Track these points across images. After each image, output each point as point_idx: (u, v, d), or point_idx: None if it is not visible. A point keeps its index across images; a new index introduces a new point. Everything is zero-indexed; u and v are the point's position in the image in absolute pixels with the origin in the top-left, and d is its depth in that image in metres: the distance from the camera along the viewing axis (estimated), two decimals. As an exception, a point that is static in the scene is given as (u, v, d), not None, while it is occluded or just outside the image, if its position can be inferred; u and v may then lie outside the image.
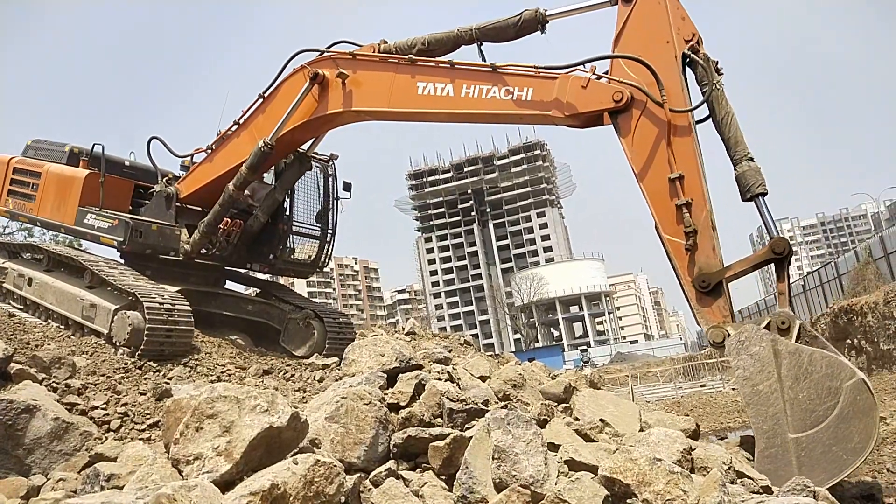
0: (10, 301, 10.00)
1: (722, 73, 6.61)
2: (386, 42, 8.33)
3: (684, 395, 25.90)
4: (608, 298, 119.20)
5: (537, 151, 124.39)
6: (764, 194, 6.37)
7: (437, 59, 7.86)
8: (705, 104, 6.56)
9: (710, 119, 6.61)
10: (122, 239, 8.95)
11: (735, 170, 6.43)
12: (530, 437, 4.07)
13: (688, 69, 6.66)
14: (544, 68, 7.06)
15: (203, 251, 9.64)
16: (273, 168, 10.14)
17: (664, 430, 5.05)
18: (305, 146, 9.68)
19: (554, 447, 4.51)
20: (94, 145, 9.94)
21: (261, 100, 8.97)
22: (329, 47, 8.56)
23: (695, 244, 6.33)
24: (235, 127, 9.25)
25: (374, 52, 8.29)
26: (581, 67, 6.99)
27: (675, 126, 6.47)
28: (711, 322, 6.21)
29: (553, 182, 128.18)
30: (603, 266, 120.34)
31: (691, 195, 6.36)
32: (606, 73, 6.90)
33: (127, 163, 10.43)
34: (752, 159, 6.38)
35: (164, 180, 9.80)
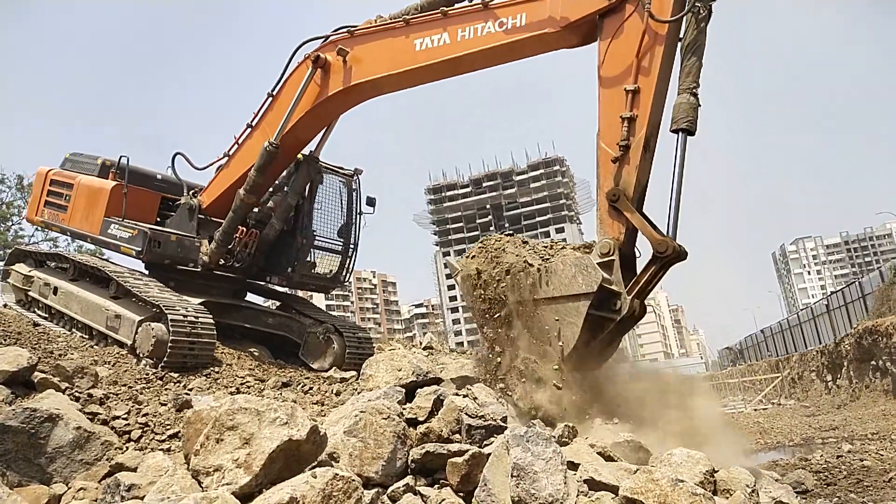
0: (36, 309, 10.17)
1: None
2: (381, 17, 8.37)
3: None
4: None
5: (556, 167, 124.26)
6: (687, 131, 6.15)
7: (429, 13, 7.81)
8: (682, 27, 6.33)
9: (679, 42, 6.37)
10: (139, 248, 9.13)
11: (676, 100, 6.26)
12: (550, 454, 4.03)
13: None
14: None
15: (222, 262, 9.73)
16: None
17: (686, 450, 4.97)
18: (313, 146, 9.74)
19: (573, 466, 4.46)
20: (120, 157, 10.18)
21: (270, 98, 9.05)
22: (332, 33, 8.59)
23: (622, 159, 6.33)
24: (249, 130, 9.34)
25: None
26: None
27: (651, 34, 6.36)
28: (607, 235, 6.42)
29: (572, 198, 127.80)
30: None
31: (638, 111, 6.32)
32: None
33: (159, 176, 10.65)
34: (694, 94, 6.17)
35: (191, 193, 9.97)
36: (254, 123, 9.26)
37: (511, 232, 7.67)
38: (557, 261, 6.52)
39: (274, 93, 9.00)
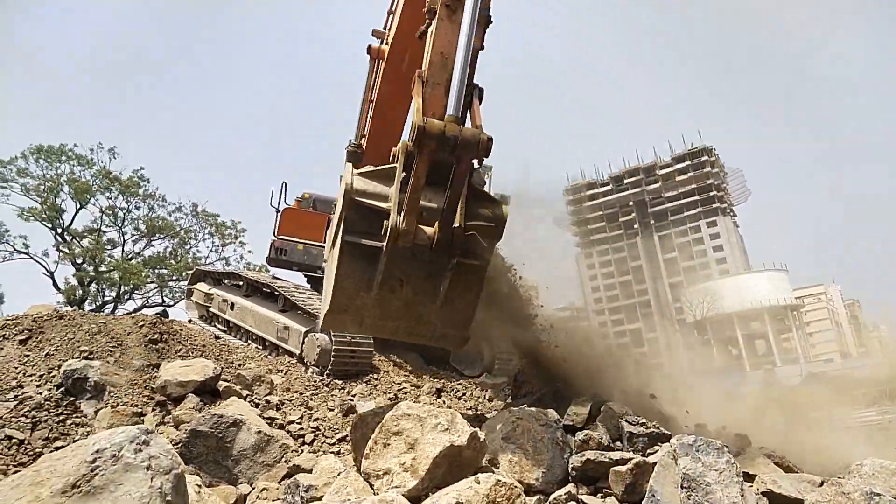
0: (216, 323, 11.26)
1: None
2: None
3: (893, 419, 22.81)
4: (795, 313, 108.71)
5: (704, 157, 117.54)
6: None
7: None
8: None
9: None
10: (268, 255, 10.69)
11: None
12: (723, 465, 3.79)
13: None
14: None
15: None
16: None
17: (879, 460, 4.48)
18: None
19: (749, 477, 4.17)
20: (282, 183, 11.38)
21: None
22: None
23: (427, 30, 4.77)
24: None
25: None
26: None
27: None
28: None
29: (724, 189, 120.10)
30: (787, 277, 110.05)
31: None
32: None
33: None
34: None
35: None
36: None
37: None
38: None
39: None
